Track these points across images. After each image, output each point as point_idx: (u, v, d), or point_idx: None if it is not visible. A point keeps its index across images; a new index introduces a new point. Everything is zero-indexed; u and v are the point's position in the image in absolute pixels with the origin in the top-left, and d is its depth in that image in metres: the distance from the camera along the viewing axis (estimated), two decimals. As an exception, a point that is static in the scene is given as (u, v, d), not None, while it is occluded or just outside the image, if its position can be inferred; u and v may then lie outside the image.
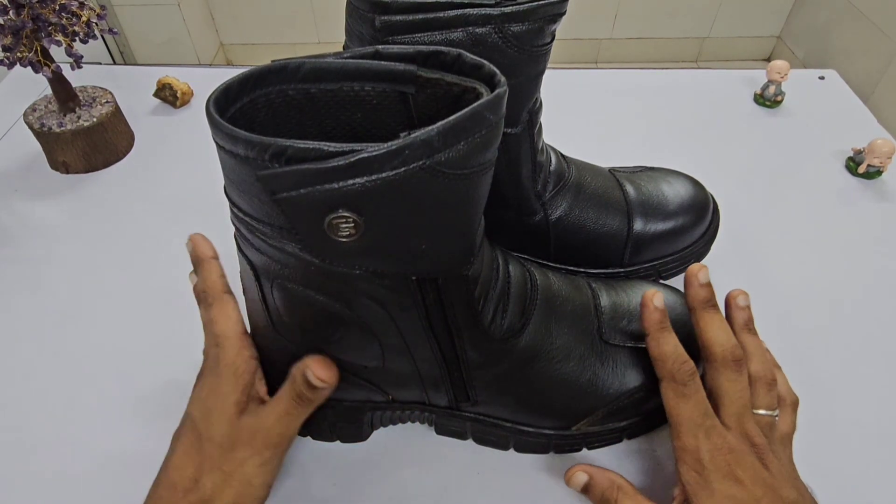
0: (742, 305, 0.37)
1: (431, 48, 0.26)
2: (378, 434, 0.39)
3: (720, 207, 0.49)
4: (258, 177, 0.23)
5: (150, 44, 1.86)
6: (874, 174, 0.58)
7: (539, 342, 0.34)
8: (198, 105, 0.67)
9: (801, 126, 0.65)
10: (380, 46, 0.27)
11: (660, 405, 0.36)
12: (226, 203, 0.27)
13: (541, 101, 0.40)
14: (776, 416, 0.34)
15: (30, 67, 0.51)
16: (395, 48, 0.27)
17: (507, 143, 0.39)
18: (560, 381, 0.35)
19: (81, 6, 0.52)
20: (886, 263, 0.51)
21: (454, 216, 0.26)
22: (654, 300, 0.35)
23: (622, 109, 0.68)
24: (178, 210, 0.55)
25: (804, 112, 0.67)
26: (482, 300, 0.31)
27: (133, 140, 0.62)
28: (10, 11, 0.49)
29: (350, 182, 0.22)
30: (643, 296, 0.36)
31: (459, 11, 0.31)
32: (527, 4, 0.32)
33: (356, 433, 0.38)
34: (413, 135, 0.22)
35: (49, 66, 0.52)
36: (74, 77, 0.57)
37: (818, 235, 0.54)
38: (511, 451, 0.38)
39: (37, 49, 0.51)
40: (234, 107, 0.25)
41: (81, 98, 0.58)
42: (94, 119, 0.56)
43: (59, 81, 0.55)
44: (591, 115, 0.66)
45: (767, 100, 0.67)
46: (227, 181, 0.25)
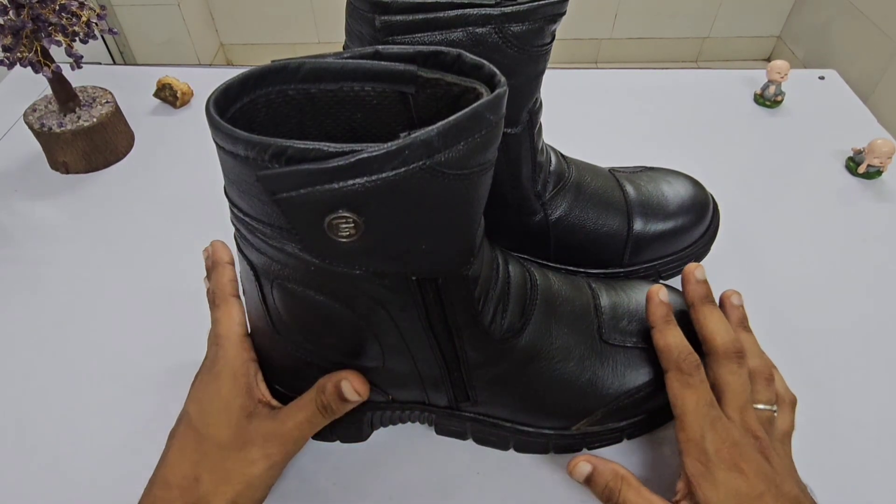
0: (736, 304, 0.38)
1: (431, 48, 0.26)
2: (378, 434, 0.39)
3: (720, 207, 0.49)
4: (258, 177, 0.23)
5: (150, 44, 1.86)
6: (874, 174, 0.58)
7: (539, 342, 0.34)
8: (198, 105, 0.67)
9: (801, 126, 0.65)
10: (380, 46, 0.27)
11: (660, 405, 0.36)
12: (226, 203, 0.27)
13: (541, 101, 0.40)
14: (775, 412, 0.34)
15: (30, 67, 0.51)
16: (395, 48, 0.27)
17: (507, 143, 0.39)
18: (560, 382, 0.35)
19: (81, 6, 0.52)
20: (887, 263, 0.51)
21: (454, 216, 0.26)
22: (660, 294, 0.36)
23: (622, 109, 0.67)
24: (178, 210, 0.55)
25: (804, 112, 0.67)
26: (482, 300, 0.31)
27: (133, 140, 0.62)
28: (10, 11, 0.49)
29: (350, 182, 0.22)
30: (649, 290, 0.37)
31: (459, 11, 0.31)
32: (527, 4, 0.32)
33: (356, 433, 0.38)
34: (413, 135, 0.22)
35: (49, 66, 0.52)
36: (74, 77, 0.57)
37: (818, 235, 0.54)
38: (511, 451, 0.38)
39: (37, 49, 0.51)
40: (234, 107, 0.25)
41: (81, 98, 0.58)
42: (94, 119, 0.56)
43: (59, 81, 0.55)
44: (591, 115, 0.66)
45: (767, 100, 0.67)
46: (227, 181, 0.25)
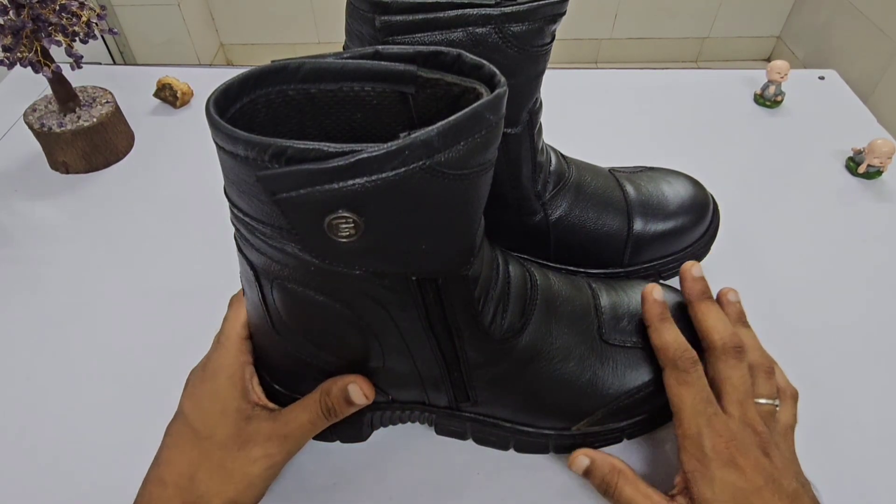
0: (733, 301, 0.38)
1: (431, 48, 0.26)
2: (378, 434, 0.39)
3: (720, 207, 0.49)
4: (258, 177, 0.23)
5: (150, 44, 1.86)
6: (874, 174, 0.58)
7: (539, 342, 0.34)
8: (198, 105, 0.67)
9: (801, 126, 0.65)
10: (380, 46, 0.27)
11: (660, 405, 0.36)
12: (226, 203, 0.27)
13: (541, 101, 0.40)
14: (777, 406, 0.34)
15: (30, 67, 0.51)
16: (395, 48, 0.27)
17: (507, 143, 0.39)
18: (560, 382, 0.35)
19: (81, 6, 0.52)
20: (887, 263, 0.51)
21: (454, 216, 0.26)
22: (654, 293, 0.37)
23: (622, 109, 0.67)
24: (178, 210, 0.55)
25: (804, 112, 0.67)
26: (482, 300, 0.31)
27: (133, 140, 0.62)
28: (10, 11, 0.49)
29: (350, 182, 0.22)
30: (643, 290, 0.37)
31: (459, 11, 0.31)
32: (527, 4, 0.32)
33: (356, 433, 0.38)
34: (413, 135, 0.22)
35: (49, 66, 0.52)
36: (74, 77, 0.57)
37: (818, 235, 0.54)
38: (511, 451, 0.38)
39: (37, 49, 0.51)
40: (234, 107, 0.25)
41: (81, 98, 0.58)
42: (94, 119, 0.56)
43: (59, 81, 0.55)
44: (591, 115, 0.66)
45: (767, 100, 0.67)
46: (227, 182, 0.25)
